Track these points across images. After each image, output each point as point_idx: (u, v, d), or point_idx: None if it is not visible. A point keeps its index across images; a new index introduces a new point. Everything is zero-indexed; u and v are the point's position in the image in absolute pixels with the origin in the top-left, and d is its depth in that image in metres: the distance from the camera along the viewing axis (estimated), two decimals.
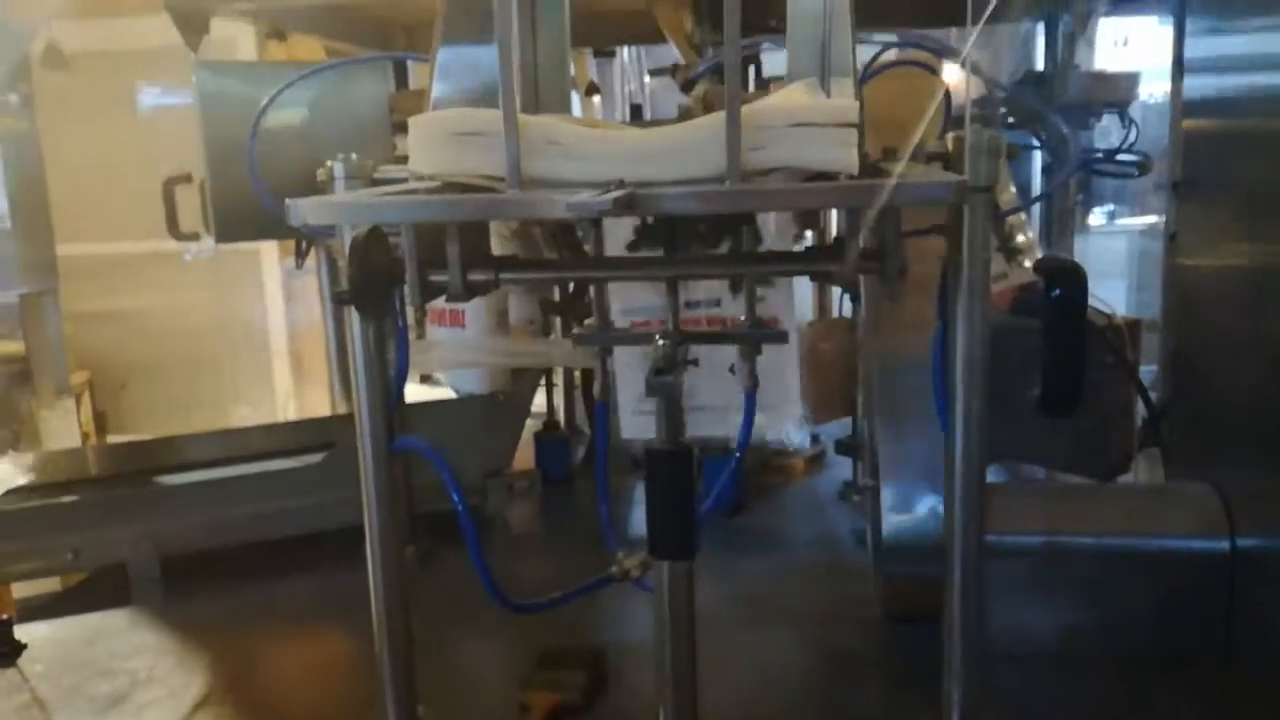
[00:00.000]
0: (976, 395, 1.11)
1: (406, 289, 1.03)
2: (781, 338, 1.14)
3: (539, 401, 2.36)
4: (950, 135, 0.97)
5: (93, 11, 3.96)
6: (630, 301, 1.92)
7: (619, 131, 0.87)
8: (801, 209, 0.81)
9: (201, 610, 1.66)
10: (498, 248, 2.28)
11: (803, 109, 0.80)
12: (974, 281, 1.06)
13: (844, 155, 0.79)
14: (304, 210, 0.84)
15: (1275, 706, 1.23)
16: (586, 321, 1.24)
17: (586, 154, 0.82)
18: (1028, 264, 1.78)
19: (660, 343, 1.05)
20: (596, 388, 1.21)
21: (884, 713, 1.30)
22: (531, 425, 2.25)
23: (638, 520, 1.75)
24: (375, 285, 1.05)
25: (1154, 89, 2.33)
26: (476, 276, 0.99)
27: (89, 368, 4.37)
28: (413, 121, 0.85)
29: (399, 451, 1.18)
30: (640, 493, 1.13)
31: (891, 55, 1.42)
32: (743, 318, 1.23)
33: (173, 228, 2.19)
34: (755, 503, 2.05)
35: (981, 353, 1.09)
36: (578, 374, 2.36)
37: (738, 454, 1.23)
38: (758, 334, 1.15)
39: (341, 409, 2.30)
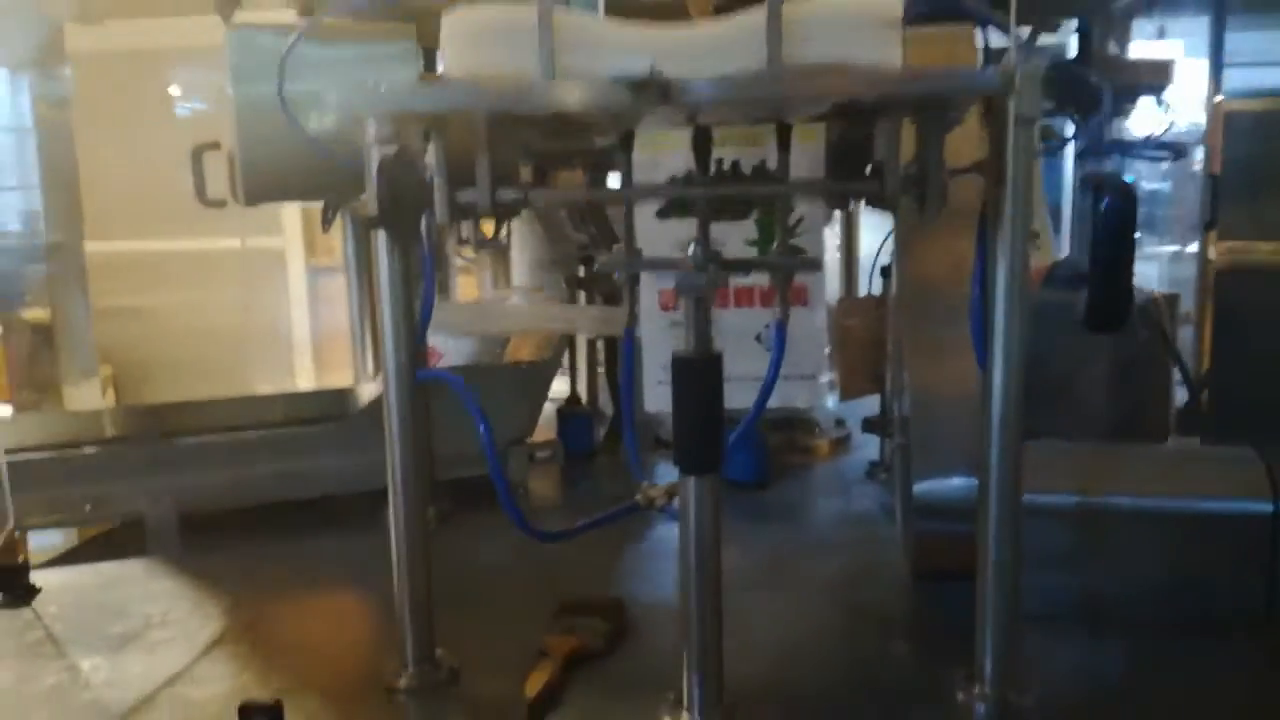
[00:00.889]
0: (1015, 336, 1.08)
1: (435, 209, 1.03)
2: (815, 265, 1.12)
3: (559, 388, 2.35)
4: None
5: (132, 11, 3.99)
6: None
7: (656, 29, 0.84)
8: (844, 96, 0.78)
9: (219, 564, 1.65)
10: (522, 239, 2.28)
11: (846, 4, 0.78)
12: (1016, 216, 1.03)
13: (887, 51, 0.77)
14: (332, 102, 0.83)
15: None
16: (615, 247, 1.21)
17: (622, 47, 0.80)
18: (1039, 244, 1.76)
19: (692, 247, 1.02)
20: (623, 310, 1.18)
21: (914, 669, 1.26)
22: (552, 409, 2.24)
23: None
24: (403, 206, 1.03)
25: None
26: (505, 195, 0.98)
27: (112, 363, 4.38)
28: (446, 19, 0.84)
29: (422, 381, 1.16)
30: (665, 467, 1.11)
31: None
32: (771, 289, 1.20)
33: (200, 194, 2.18)
34: (781, 481, 2.02)
35: (1022, 290, 1.07)
36: (601, 352, 2.35)
37: (770, 378, 1.19)
38: (790, 261, 1.12)
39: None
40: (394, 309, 1.13)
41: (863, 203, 2.36)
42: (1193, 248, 3.04)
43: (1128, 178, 0.98)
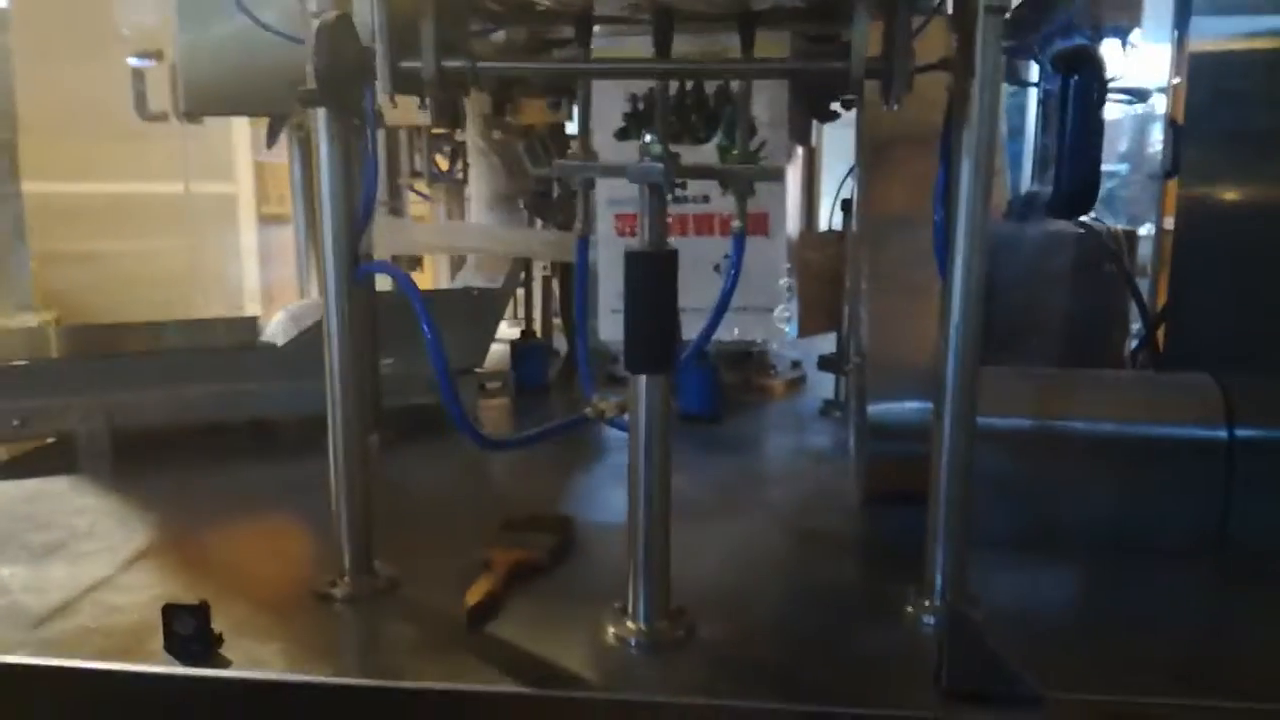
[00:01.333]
0: (977, 246, 1.05)
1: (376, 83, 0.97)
2: (777, 174, 1.08)
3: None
4: None
5: None
6: (616, 193, 1.86)
7: None
8: None
9: (151, 482, 1.59)
10: (478, 173, 2.22)
11: None
12: (983, 113, 1.00)
13: None
14: None
15: (1272, 600, 1.18)
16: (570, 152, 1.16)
17: None
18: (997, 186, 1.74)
19: (647, 137, 0.98)
20: (578, 224, 1.14)
21: (864, 585, 1.24)
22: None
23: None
24: (343, 77, 0.98)
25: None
26: (451, 64, 0.92)
27: (57, 307, 4.26)
28: None
29: (364, 276, 1.11)
30: (619, 399, 1.07)
31: None
32: (731, 216, 1.16)
33: (140, 107, 2.10)
34: (733, 417, 1.99)
35: (985, 195, 1.04)
36: (556, 288, 2.30)
37: (725, 291, 1.16)
38: (750, 169, 1.08)
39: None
40: (333, 198, 1.08)
41: (823, 129, 2.33)
42: (1145, 229, 3.07)
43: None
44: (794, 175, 2.03)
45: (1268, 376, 1.33)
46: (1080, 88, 0.92)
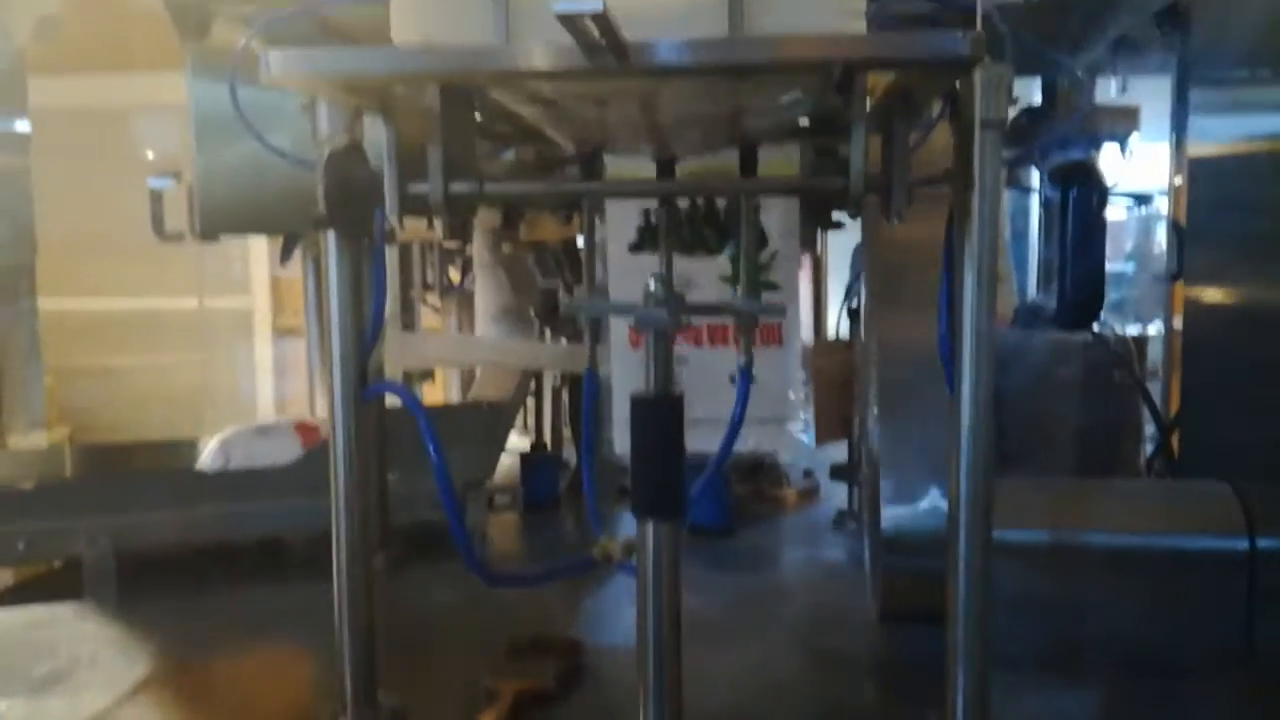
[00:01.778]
0: (985, 357, 1.05)
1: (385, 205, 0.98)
2: (779, 311, 1.07)
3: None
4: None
5: (105, 66, 3.97)
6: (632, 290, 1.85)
7: None
8: (803, 61, 0.75)
9: (157, 607, 1.56)
10: (485, 287, 2.24)
11: None
12: (984, 225, 1.01)
13: (851, 22, 0.74)
14: (274, 62, 0.79)
15: None
16: (578, 289, 1.18)
17: None
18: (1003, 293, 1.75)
19: (652, 283, 0.98)
20: (586, 356, 1.15)
21: (883, 712, 1.20)
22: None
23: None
24: (352, 200, 0.99)
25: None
26: (459, 188, 0.94)
27: (70, 423, 4.28)
28: None
29: (371, 397, 1.11)
30: (630, 517, 1.07)
31: None
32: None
33: (157, 227, 2.14)
34: (746, 529, 1.96)
35: (990, 302, 1.04)
36: (566, 399, 2.30)
37: (734, 421, 1.15)
38: (754, 305, 1.08)
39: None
40: (342, 317, 1.08)
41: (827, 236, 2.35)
42: (1154, 328, 3.08)
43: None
44: (804, 283, 2.05)
45: None
46: (1080, 201, 0.92)
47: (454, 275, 2.51)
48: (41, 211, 2.86)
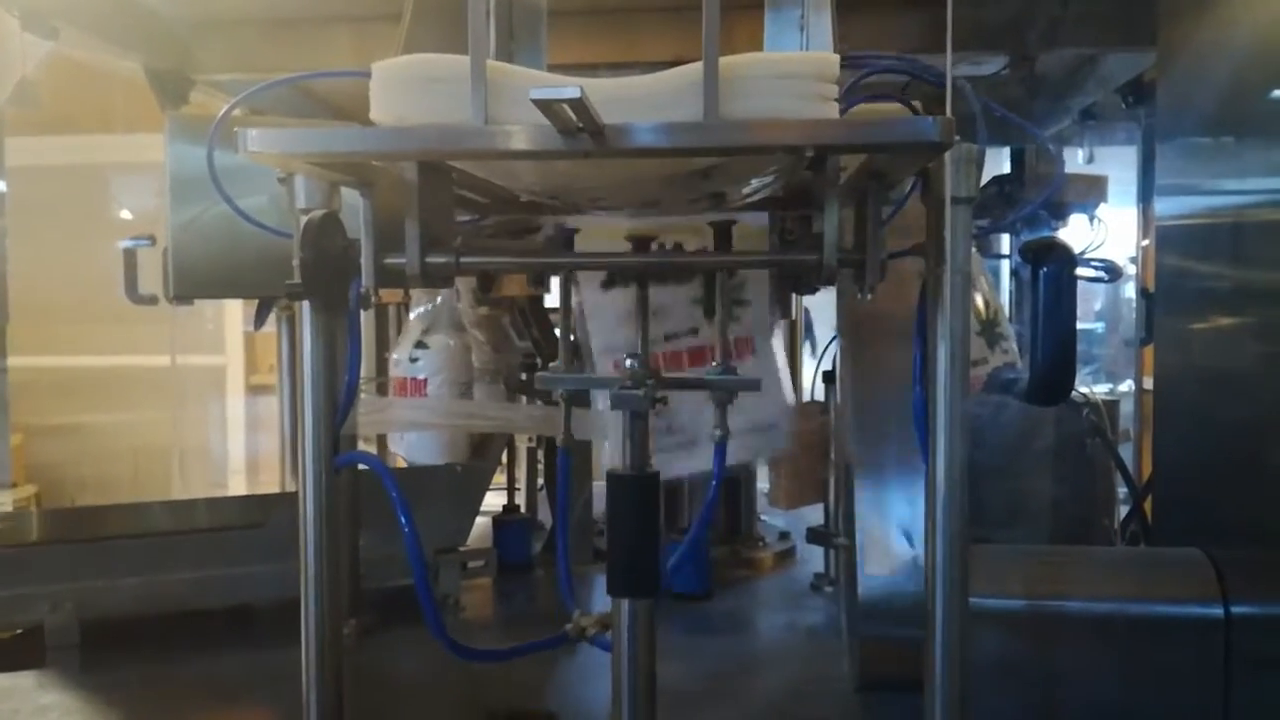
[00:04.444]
0: (958, 428, 1.06)
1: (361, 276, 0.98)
2: (753, 385, 1.08)
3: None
4: None
5: (83, 127, 3.98)
6: (610, 339, 1.84)
7: (592, 80, 0.83)
8: (777, 145, 0.76)
9: (119, 675, 1.53)
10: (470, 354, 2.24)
11: (784, 60, 0.78)
12: (956, 299, 1.02)
13: (823, 108, 0.76)
14: (251, 140, 0.79)
15: None
16: (551, 365, 1.18)
17: None
18: (1006, 348, 1.76)
19: (629, 361, 0.99)
20: (559, 435, 1.15)
21: None
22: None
23: (601, 605, 1.66)
24: (329, 272, 0.99)
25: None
26: (435, 259, 0.94)
27: (38, 482, 4.22)
28: (376, 67, 0.81)
29: (343, 466, 1.10)
30: (604, 581, 1.06)
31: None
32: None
33: (131, 290, 2.13)
34: (723, 593, 1.95)
35: (963, 378, 1.05)
36: (541, 459, 2.29)
37: (711, 496, 1.15)
38: (730, 381, 1.08)
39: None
40: (315, 387, 1.07)
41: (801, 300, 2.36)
42: (1125, 385, 3.11)
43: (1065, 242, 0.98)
44: (779, 346, 2.05)
45: (1258, 545, 1.32)
46: (1050, 278, 0.94)
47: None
48: (15, 270, 2.84)
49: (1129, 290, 3.26)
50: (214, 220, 1.84)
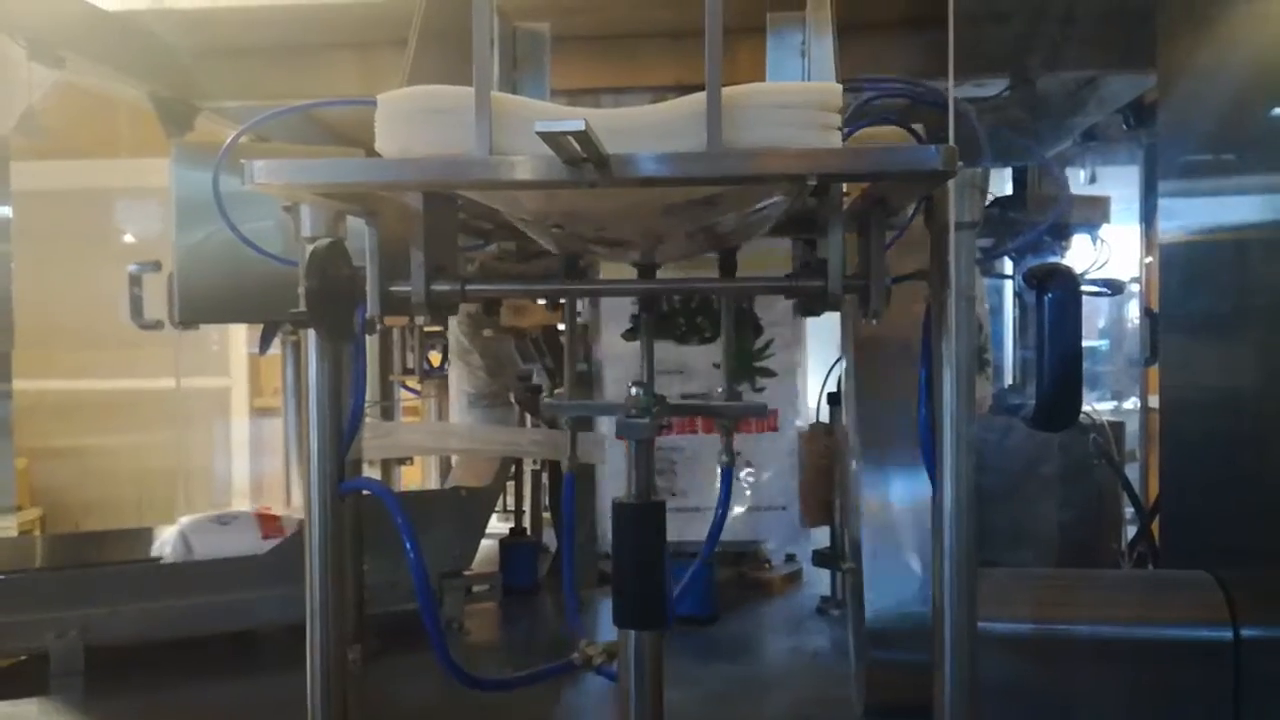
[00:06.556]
0: (964, 451, 1.05)
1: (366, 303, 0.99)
2: (760, 411, 1.08)
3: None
4: None
5: (89, 152, 4.00)
6: (624, 389, 1.85)
7: (596, 111, 0.83)
8: (780, 175, 0.77)
9: (123, 703, 1.52)
10: (459, 374, 2.24)
11: (787, 90, 0.78)
12: (961, 323, 1.02)
13: (826, 137, 0.76)
14: (257, 171, 0.79)
15: None
16: (557, 391, 1.19)
17: None
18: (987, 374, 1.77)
19: (634, 390, 0.99)
20: (564, 460, 1.15)
21: None
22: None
23: (606, 631, 1.66)
24: (334, 300, 0.99)
25: None
26: (441, 287, 0.94)
27: (43, 505, 4.22)
28: (381, 99, 0.82)
29: (347, 492, 1.10)
30: (609, 604, 1.06)
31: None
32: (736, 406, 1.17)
33: (136, 315, 2.13)
34: (729, 616, 1.94)
35: (969, 402, 1.05)
36: (546, 482, 2.28)
37: (718, 519, 1.15)
38: (736, 407, 1.08)
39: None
40: (320, 413, 1.07)
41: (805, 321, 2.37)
42: (1130, 403, 3.09)
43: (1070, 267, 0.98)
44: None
45: (1267, 567, 1.31)
46: (1055, 304, 0.94)
47: (434, 359, 2.51)
48: (20, 294, 2.85)
49: (1133, 308, 3.26)
50: (219, 246, 1.85)
